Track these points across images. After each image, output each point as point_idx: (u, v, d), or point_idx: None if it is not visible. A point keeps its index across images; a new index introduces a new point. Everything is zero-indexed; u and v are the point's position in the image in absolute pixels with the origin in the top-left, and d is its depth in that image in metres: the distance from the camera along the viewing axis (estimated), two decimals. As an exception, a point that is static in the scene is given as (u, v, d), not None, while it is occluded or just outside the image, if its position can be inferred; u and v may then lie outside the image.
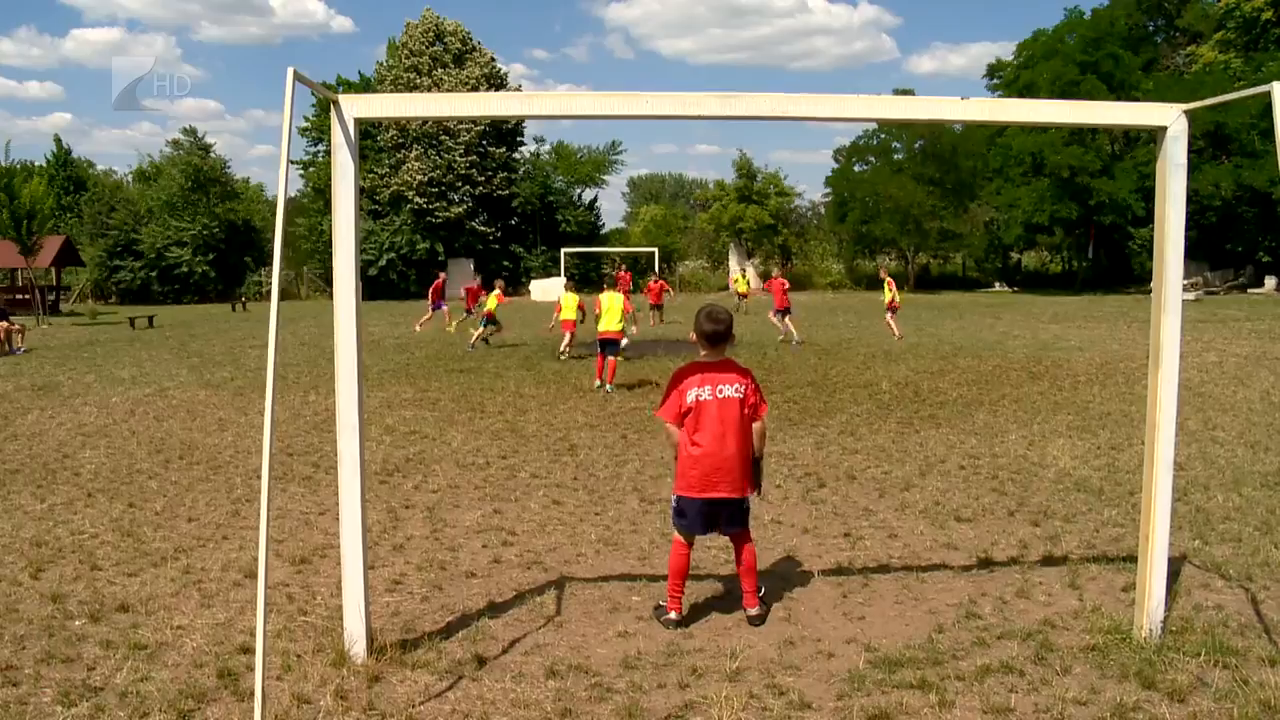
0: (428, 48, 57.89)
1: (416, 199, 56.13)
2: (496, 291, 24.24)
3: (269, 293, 49.48)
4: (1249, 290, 50.69)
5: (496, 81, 59.42)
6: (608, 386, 15.91)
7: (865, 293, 55.67)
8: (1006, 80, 61.39)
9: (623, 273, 36.49)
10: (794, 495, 9.04)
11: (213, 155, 62.53)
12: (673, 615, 5.94)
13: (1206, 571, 6.79)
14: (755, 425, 5.96)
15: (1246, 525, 7.90)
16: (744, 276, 40.74)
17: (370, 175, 57.35)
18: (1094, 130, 48.88)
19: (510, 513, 8.54)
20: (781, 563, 7.13)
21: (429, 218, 56.40)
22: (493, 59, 59.70)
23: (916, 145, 61.17)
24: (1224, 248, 54.29)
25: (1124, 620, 5.73)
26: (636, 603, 6.30)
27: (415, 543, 7.69)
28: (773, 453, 10.86)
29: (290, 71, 4.53)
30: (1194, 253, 53.59)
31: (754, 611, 5.99)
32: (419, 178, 56.02)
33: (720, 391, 5.83)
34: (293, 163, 65.88)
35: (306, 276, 59.70)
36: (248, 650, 5.40)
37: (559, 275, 48.89)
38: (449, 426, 12.73)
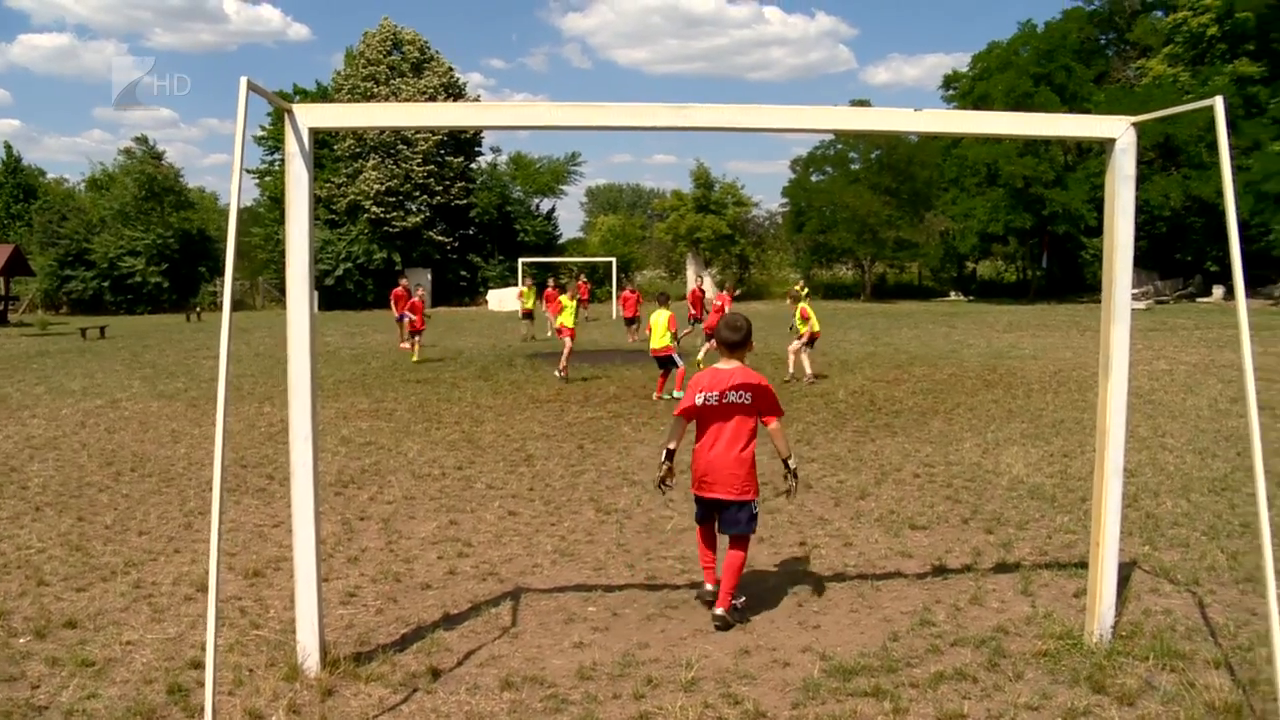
0: (385, 57, 57.55)
1: (374, 208, 55.74)
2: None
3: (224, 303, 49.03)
4: (1198, 299, 51.42)
5: (455, 91, 59.13)
6: (668, 394, 16.04)
7: (822, 301, 56.04)
8: (962, 91, 61.99)
9: (582, 282, 36.31)
10: (750, 504, 9.06)
11: (165, 164, 61.88)
12: (709, 586, 6.39)
13: (1156, 576, 6.89)
14: (770, 427, 6.28)
15: (1194, 530, 8.02)
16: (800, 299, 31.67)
17: (327, 184, 56.92)
18: (1047, 141, 49.43)
19: (466, 524, 8.51)
20: (737, 572, 7.14)
21: (386, 227, 56.02)
22: (451, 69, 59.43)
23: (873, 155, 61.50)
24: (1174, 257, 55.05)
25: (1075, 626, 5.81)
26: (592, 613, 6.30)
27: (370, 554, 7.65)
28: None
29: (243, 81, 4.50)
30: (1144, 262, 54.36)
31: (718, 612, 6.06)
32: (376, 187, 55.63)
33: (726, 397, 6.14)
34: (248, 172, 65.60)
35: (262, 286, 59.18)
36: (199, 665, 5.34)
37: (516, 285, 48.68)
38: (405, 437, 12.66)
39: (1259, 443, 4.68)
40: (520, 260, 48.49)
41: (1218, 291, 50.19)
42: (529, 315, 30.44)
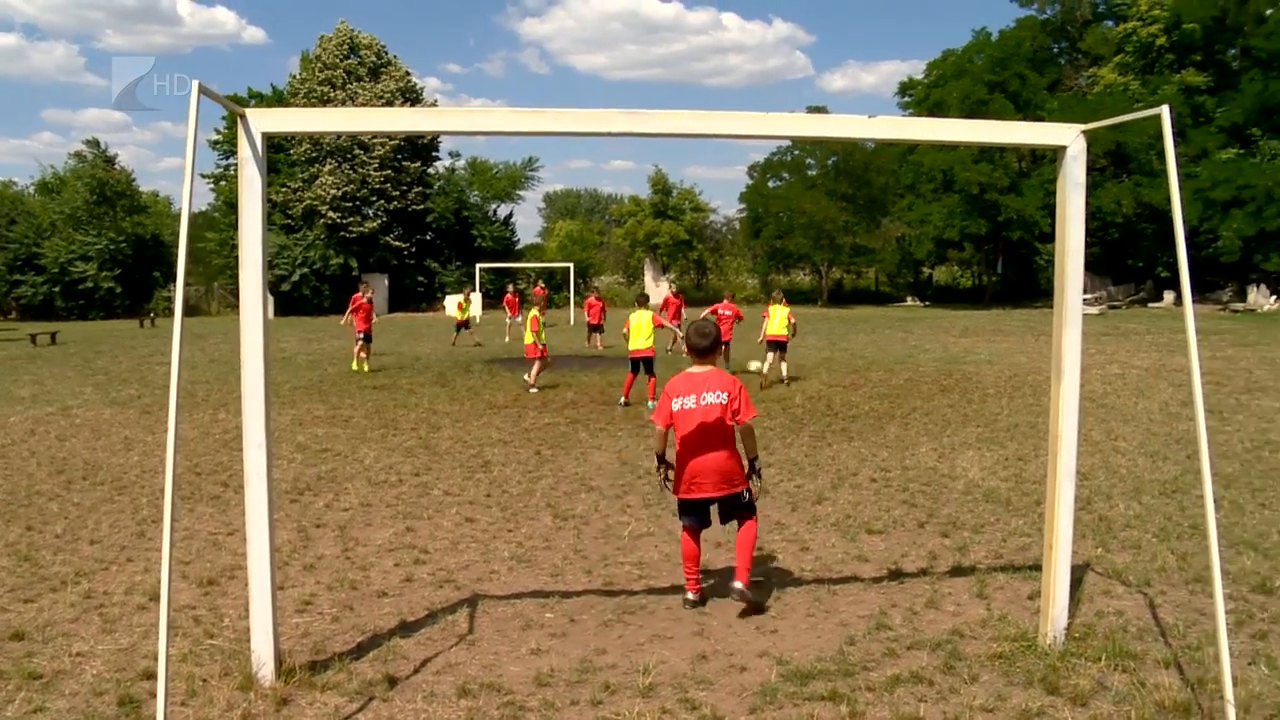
0: (342, 61, 57.24)
1: (330, 213, 55.41)
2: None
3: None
4: (1149, 304, 52.19)
5: (412, 96, 58.95)
6: (649, 404, 15.28)
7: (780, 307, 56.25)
8: (918, 98, 62.64)
9: (538, 289, 36.25)
10: (708, 509, 9.08)
11: (118, 167, 61.15)
12: (690, 596, 6.48)
13: (1108, 578, 6.97)
14: (741, 426, 6.41)
15: (1146, 532, 8.12)
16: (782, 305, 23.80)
17: (283, 189, 56.53)
18: (1001, 148, 50.00)
19: (423, 531, 8.46)
20: (695, 577, 7.15)
21: (343, 232, 55.73)
22: (408, 73, 59.28)
23: (830, 162, 61.97)
24: (1126, 263, 55.94)
25: (1029, 628, 5.86)
26: (549, 619, 6.28)
27: (326, 562, 7.59)
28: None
29: (194, 85, 4.46)
30: (1097, 268, 55.24)
31: (738, 585, 6.30)
32: (333, 192, 55.31)
33: (703, 399, 6.33)
34: (203, 176, 65.15)
35: (217, 292, 58.66)
36: (151, 676, 5.27)
37: (474, 290, 48.50)
38: (361, 444, 12.58)
39: (1206, 446, 4.76)
40: (478, 266, 48.35)
41: (1169, 296, 50.94)
42: (464, 325, 29.78)
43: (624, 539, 8.15)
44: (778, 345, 18.78)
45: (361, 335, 21.83)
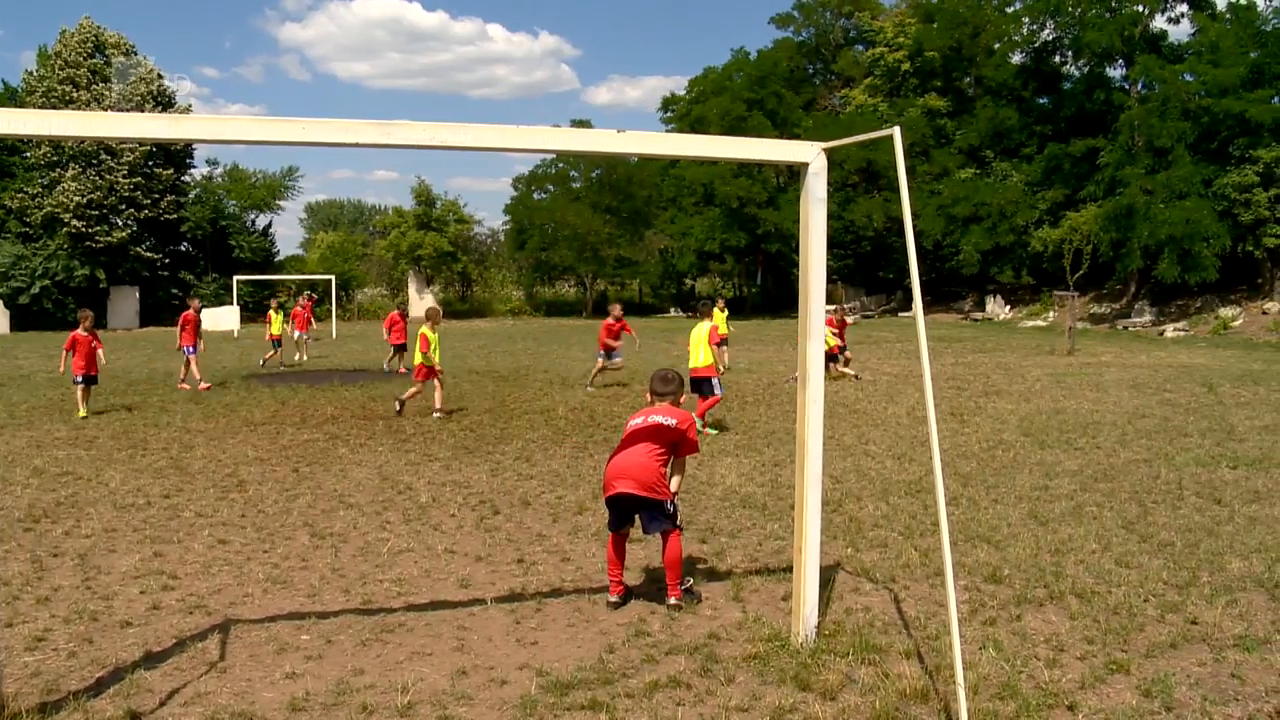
0: (86, 59, 53.93)
1: (74, 222, 52.03)
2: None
3: (-103, 325, 44.63)
4: (899, 314, 55.03)
5: (164, 99, 56.25)
6: (708, 430, 14.20)
7: (545, 319, 56.60)
8: (680, 114, 64.14)
9: (305, 301, 35.04)
10: (468, 523, 9.01)
11: None
12: (612, 599, 6.76)
13: (857, 576, 7.31)
14: (676, 458, 6.85)
15: (892, 531, 8.55)
16: (721, 311, 24.56)
17: (20, 194, 52.80)
18: (749, 164, 51.73)
19: (172, 555, 8.06)
20: (454, 592, 7.08)
21: (88, 242, 52.43)
22: (160, 75, 56.59)
23: (594, 174, 62.67)
24: (878, 274, 58.84)
25: (783, 628, 6.08)
26: (305, 641, 6.10)
27: (63, 593, 7.13)
28: (447, 481, 10.81)
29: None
30: (851, 279, 57.96)
31: (672, 601, 6.67)
32: (76, 199, 51.96)
33: (650, 418, 6.82)
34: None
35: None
36: None
37: (232, 304, 46.75)
38: (107, 466, 11.88)
39: (938, 450, 5.04)
40: (235, 278, 46.63)
41: (916, 307, 53.78)
42: (278, 342, 26.92)
43: (383, 556, 7.99)
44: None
45: (80, 379, 17.06)
